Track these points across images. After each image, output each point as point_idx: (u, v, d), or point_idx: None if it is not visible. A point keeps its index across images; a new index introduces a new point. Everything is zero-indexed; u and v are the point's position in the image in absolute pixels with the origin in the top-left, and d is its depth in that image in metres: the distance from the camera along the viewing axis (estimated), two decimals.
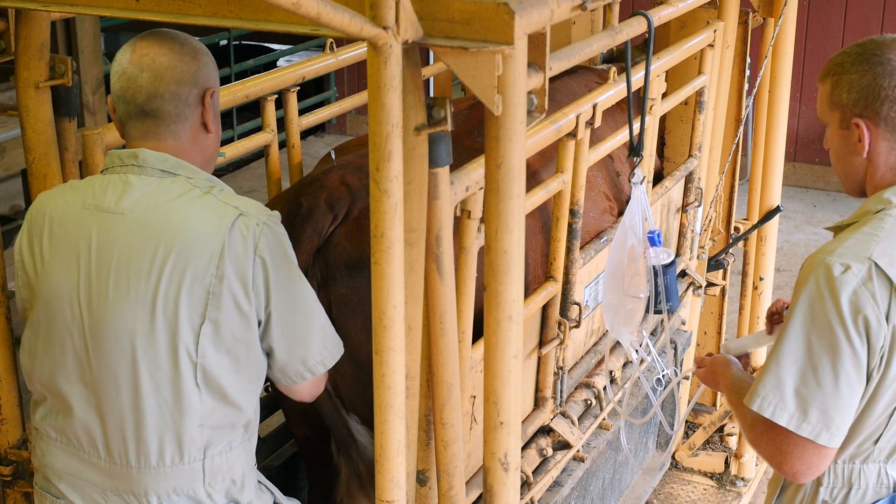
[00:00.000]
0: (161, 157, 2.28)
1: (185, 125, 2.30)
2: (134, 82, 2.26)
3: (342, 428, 2.96)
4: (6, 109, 2.68)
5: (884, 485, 2.36)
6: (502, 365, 2.08)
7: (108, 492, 2.35)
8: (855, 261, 2.21)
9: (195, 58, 2.29)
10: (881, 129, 2.30)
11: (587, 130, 3.04)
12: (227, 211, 2.24)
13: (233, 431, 2.35)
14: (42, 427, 2.41)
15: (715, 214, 4.47)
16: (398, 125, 1.83)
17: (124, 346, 2.25)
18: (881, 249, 2.23)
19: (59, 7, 2.23)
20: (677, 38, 3.87)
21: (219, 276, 2.21)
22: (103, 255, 2.26)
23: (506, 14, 1.82)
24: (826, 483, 2.38)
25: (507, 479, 2.19)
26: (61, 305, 2.28)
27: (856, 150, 2.33)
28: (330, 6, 1.64)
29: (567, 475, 3.40)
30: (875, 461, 2.34)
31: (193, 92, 2.28)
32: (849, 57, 2.34)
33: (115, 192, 2.28)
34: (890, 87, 2.27)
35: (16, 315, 2.66)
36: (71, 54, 6.74)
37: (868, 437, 2.32)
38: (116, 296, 2.24)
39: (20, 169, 6.32)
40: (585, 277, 3.35)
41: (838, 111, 2.35)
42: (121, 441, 2.30)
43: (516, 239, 2.01)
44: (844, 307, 2.18)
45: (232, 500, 2.38)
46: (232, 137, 8.38)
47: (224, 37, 8.92)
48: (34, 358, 2.36)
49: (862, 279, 2.19)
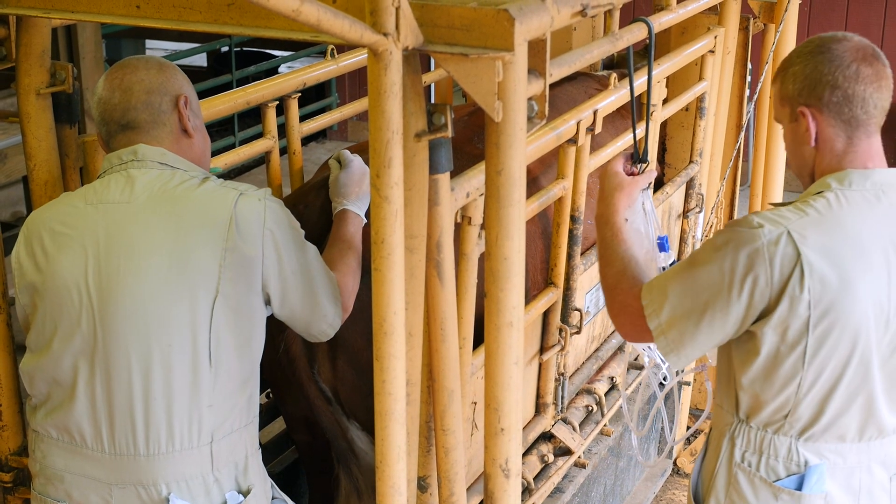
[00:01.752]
0: (159, 152, 2.38)
1: (165, 130, 2.39)
2: (108, 104, 2.38)
3: (342, 441, 2.96)
4: (7, 116, 2.68)
5: (793, 461, 2.36)
6: (503, 371, 2.08)
7: (113, 486, 2.35)
8: (772, 224, 2.25)
9: (161, 70, 2.40)
10: (825, 116, 2.31)
11: (588, 137, 3.04)
12: (228, 192, 2.34)
13: (236, 411, 2.38)
14: (42, 428, 2.41)
15: (716, 220, 4.47)
16: (398, 131, 1.83)
17: (136, 324, 2.28)
18: (802, 224, 2.24)
19: (60, 14, 2.24)
20: (678, 44, 3.87)
21: (229, 250, 2.28)
22: (112, 241, 2.30)
23: (506, 20, 1.82)
24: (739, 445, 2.41)
25: (508, 485, 2.18)
26: (69, 294, 2.31)
27: (805, 140, 2.35)
28: (330, 13, 1.64)
29: (568, 481, 3.40)
30: (786, 435, 2.35)
31: (165, 99, 2.39)
32: (795, 53, 2.38)
33: (119, 185, 2.35)
34: (830, 72, 2.28)
35: (16, 321, 2.66)
36: (72, 61, 6.74)
37: (778, 408, 2.33)
38: (127, 275, 2.28)
39: (21, 176, 6.32)
40: (586, 283, 3.35)
41: (787, 105, 2.37)
42: (129, 427, 2.31)
43: (517, 245, 2.01)
44: (741, 259, 2.24)
45: (236, 483, 2.39)
46: (233, 144, 8.39)
47: (225, 43, 8.92)
48: (39, 356, 2.37)
49: (769, 241, 2.23)
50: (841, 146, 2.33)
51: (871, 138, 2.33)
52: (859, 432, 2.35)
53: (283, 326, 2.78)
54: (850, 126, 2.31)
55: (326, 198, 2.82)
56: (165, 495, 2.32)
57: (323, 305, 2.43)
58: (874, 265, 2.25)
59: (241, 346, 2.34)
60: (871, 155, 2.34)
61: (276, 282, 2.35)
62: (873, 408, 2.33)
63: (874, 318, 2.26)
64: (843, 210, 2.28)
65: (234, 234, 2.29)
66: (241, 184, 2.39)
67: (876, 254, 2.26)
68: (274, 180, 3.21)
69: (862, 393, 2.31)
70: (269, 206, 2.34)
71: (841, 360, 2.27)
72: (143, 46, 11.17)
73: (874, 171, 2.32)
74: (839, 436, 2.35)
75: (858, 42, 2.32)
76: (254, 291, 2.34)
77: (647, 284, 2.39)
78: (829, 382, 2.29)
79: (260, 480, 2.47)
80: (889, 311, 2.27)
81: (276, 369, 2.90)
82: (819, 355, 2.26)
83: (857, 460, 2.38)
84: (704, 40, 3.80)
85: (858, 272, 2.23)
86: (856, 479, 2.39)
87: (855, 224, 2.27)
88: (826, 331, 2.24)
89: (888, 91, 2.32)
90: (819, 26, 8.16)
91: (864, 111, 2.30)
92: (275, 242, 2.33)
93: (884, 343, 2.29)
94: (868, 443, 2.37)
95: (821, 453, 2.36)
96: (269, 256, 2.32)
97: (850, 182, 2.30)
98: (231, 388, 2.35)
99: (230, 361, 2.33)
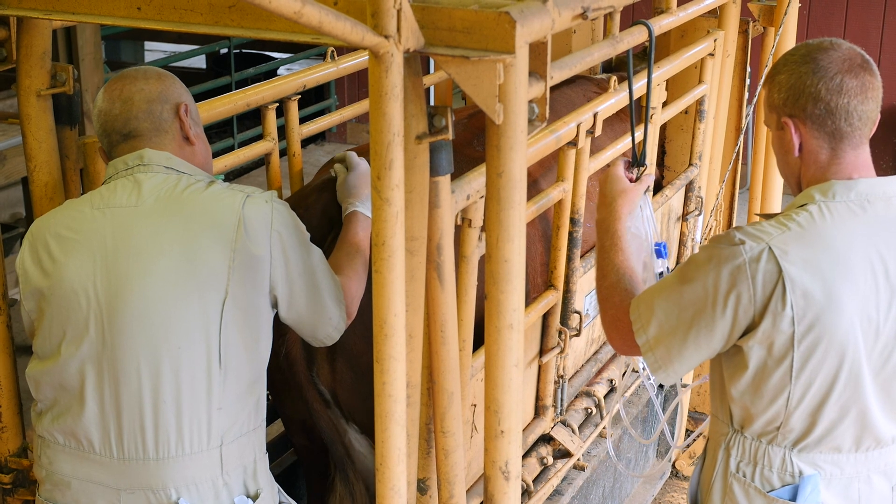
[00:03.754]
0: (165, 156, 2.39)
1: (167, 137, 2.41)
2: (109, 115, 2.40)
3: (339, 446, 2.96)
4: (7, 117, 2.68)
5: (788, 471, 2.35)
6: (503, 373, 2.08)
7: (121, 492, 2.35)
8: (753, 240, 2.24)
9: (159, 80, 2.42)
10: (809, 127, 2.29)
11: (588, 139, 3.04)
12: (235, 194, 2.35)
13: (245, 414, 2.37)
14: (49, 433, 2.40)
15: (715, 223, 4.47)
16: (399, 134, 1.83)
17: (145, 328, 2.27)
18: (783, 240, 2.23)
19: (61, 15, 2.24)
20: (678, 48, 3.87)
21: (238, 251, 2.29)
22: (120, 244, 2.30)
23: (507, 23, 1.82)
24: (735, 455, 2.41)
25: (507, 487, 2.18)
26: (76, 298, 2.31)
27: (790, 150, 2.34)
28: (332, 15, 1.64)
29: (567, 484, 3.40)
30: (780, 445, 2.34)
31: (166, 108, 2.41)
32: (783, 60, 2.36)
33: (126, 190, 2.35)
34: (813, 84, 2.26)
35: (16, 323, 2.66)
36: (72, 62, 6.73)
37: (769, 420, 2.32)
38: (135, 279, 2.28)
39: (21, 177, 6.32)
40: (586, 286, 3.35)
41: (774, 113, 2.36)
42: (138, 431, 2.30)
43: (517, 247, 2.01)
44: (723, 277, 2.24)
45: (245, 487, 2.39)
46: (232, 146, 8.39)
47: (224, 45, 8.92)
48: (47, 361, 2.36)
49: (751, 258, 2.22)
50: (825, 157, 2.31)
51: (857, 150, 2.31)
52: (855, 443, 2.33)
53: (283, 330, 2.78)
54: (833, 138, 2.29)
55: (327, 200, 2.82)
56: (175, 499, 2.32)
57: (328, 308, 2.44)
58: (859, 276, 2.23)
59: (249, 348, 2.35)
60: (857, 166, 2.31)
61: (283, 284, 2.36)
62: (868, 419, 2.31)
63: (862, 329, 2.24)
64: (825, 222, 2.26)
65: (242, 236, 2.29)
66: (247, 186, 2.40)
67: (861, 265, 2.24)
68: (274, 182, 3.22)
69: (854, 405, 2.29)
70: (276, 208, 2.35)
71: (830, 374, 2.25)
72: (142, 48, 11.17)
73: (858, 182, 2.30)
74: (834, 447, 2.33)
75: (846, 51, 2.29)
76: (262, 293, 2.34)
77: (636, 300, 2.39)
78: (818, 395, 2.27)
79: (268, 484, 2.47)
80: (878, 321, 2.25)
81: (276, 373, 2.90)
82: (806, 369, 2.25)
83: (854, 471, 2.36)
84: (704, 43, 3.80)
85: (843, 285, 2.22)
86: (854, 489, 2.37)
87: (838, 236, 2.25)
88: (812, 345, 2.23)
89: (875, 102, 2.29)
90: (818, 29, 8.17)
91: (848, 123, 2.27)
92: (282, 244, 2.34)
93: (874, 354, 2.27)
94: (866, 453, 2.35)
95: (816, 464, 2.35)
96: (277, 258, 2.33)
97: (834, 194, 2.28)
98: (240, 391, 2.35)
99: (239, 363, 2.33)
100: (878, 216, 2.29)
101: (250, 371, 2.36)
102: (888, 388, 2.31)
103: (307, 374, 2.89)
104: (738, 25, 4.13)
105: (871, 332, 2.25)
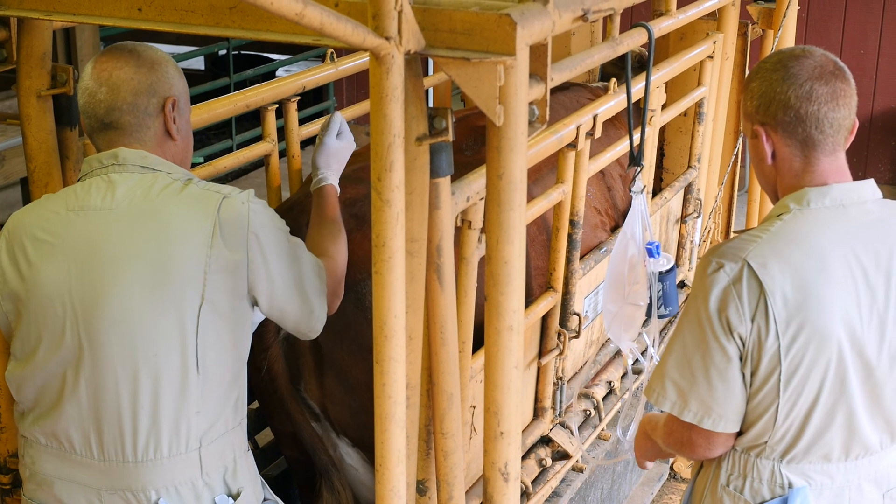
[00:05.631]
0: (140, 154, 2.34)
1: (148, 133, 2.36)
2: (94, 97, 2.33)
3: (323, 455, 2.96)
4: (7, 118, 2.68)
5: (777, 483, 2.35)
6: (503, 375, 2.08)
7: (103, 492, 2.34)
8: (730, 260, 2.25)
9: (152, 69, 2.35)
10: (780, 135, 2.29)
11: (587, 141, 3.05)
12: (212, 196, 2.30)
13: (224, 415, 2.36)
14: (31, 434, 2.40)
15: (714, 225, 4.47)
16: (400, 135, 1.83)
17: (121, 335, 2.25)
18: (758, 251, 2.24)
19: (61, 16, 2.24)
20: (677, 50, 3.88)
21: (214, 256, 2.25)
22: (95, 250, 2.27)
23: (508, 25, 1.82)
24: (725, 468, 2.41)
25: (507, 489, 2.19)
26: (52, 305, 2.29)
27: (763, 158, 2.34)
28: (333, 16, 1.64)
29: (566, 485, 3.40)
30: (768, 458, 2.35)
31: (152, 102, 2.34)
32: (756, 68, 2.36)
33: (100, 191, 2.31)
34: (783, 92, 2.26)
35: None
36: (71, 63, 6.75)
37: (759, 433, 2.32)
38: (111, 286, 2.25)
39: (20, 178, 6.32)
40: (585, 288, 3.35)
41: (748, 121, 2.36)
42: (117, 434, 2.30)
43: (517, 249, 2.02)
44: (711, 305, 2.25)
45: (225, 486, 2.38)
46: (231, 147, 8.39)
47: (223, 46, 8.92)
48: (25, 364, 2.35)
49: (732, 279, 2.23)
50: (798, 165, 2.30)
51: (830, 157, 2.30)
52: (844, 451, 2.33)
53: (266, 345, 2.78)
54: (806, 145, 2.28)
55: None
56: (155, 501, 2.32)
57: (310, 303, 2.40)
58: (838, 279, 2.23)
59: (227, 352, 2.32)
60: (832, 173, 2.30)
61: (263, 285, 2.32)
62: (854, 425, 2.30)
63: (846, 332, 2.24)
64: (801, 227, 2.26)
65: (218, 241, 2.26)
66: (225, 186, 2.35)
67: (839, 268, 2.24)
68: (273, 183, 3.22)
69: (840, 409, 2.28)
70: (252, 208, 2.30)
71: (817, 378, 2.25)
72: None
73: (832, 187, 2.29)
74: (823, 455, 2.33)
75: (819, 59, 2.29)
76: (239, 296, 2.31)
77: (646, 388, 2.41)
78: (806, 403, 2.27)
79: (250, 482, 2.45)
80: (861, 324, 2.25)
81: (260, 387, 2.90)
82: (793, 381, 2.25)
83: (845, 479, 2.36)
84: (703, 46, 3.81)
85: (823, 285, 2.22)
86: (845, 498, 2.37)
87: (815, 240, 2.25)
88: (799, 354, 2.23)
89: (847, 109, 2.28)
90: (817, 32, 8.18)
91: (820, 131, 2.27)
92: (260, 246, 2.30)
93: (859, 357, 2.26)
94: (855, 461, 2.35)
95: (806, 474, 2.34)
96: (255, 260, 2.30)
97: (808, 201, 2.28)
98: (219, 394, 2.33)
99: (217, 367, 2.31)
100: (854, 220, 2.29)
101: (230, 372, 2.34)
102: (873, 393, 2.31)
103: (290, 389, 2.89)
104: (738, 28, 4.13)
105: (854, 335, 2.25)
